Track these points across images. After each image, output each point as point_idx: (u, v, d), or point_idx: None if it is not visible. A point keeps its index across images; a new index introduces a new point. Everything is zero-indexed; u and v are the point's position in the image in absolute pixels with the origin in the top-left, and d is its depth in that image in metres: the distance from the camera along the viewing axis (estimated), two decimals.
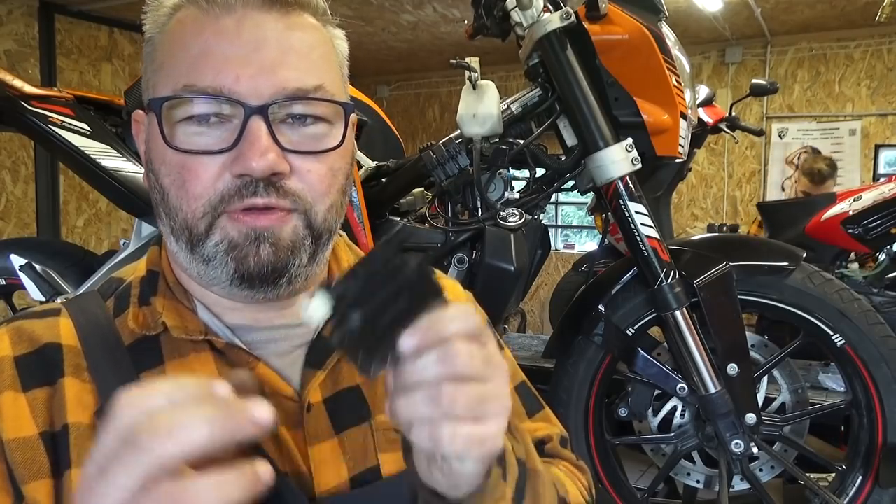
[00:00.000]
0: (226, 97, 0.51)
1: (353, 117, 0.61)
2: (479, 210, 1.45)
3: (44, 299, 1.51)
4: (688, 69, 1.49)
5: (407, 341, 0.40)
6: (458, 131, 1.41)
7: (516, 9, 1.36)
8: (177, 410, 0.33)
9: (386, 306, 0.40)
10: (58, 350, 0.54)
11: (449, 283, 0.75)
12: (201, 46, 0.51)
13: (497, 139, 1.41)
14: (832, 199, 2.63)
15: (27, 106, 1.51)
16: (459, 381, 0.40)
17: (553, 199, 3.10)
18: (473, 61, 1.37)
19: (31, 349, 0.53)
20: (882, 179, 3.07)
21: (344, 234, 0.68)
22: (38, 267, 1.52)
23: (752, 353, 1.46)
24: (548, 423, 0.74)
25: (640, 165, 1.34)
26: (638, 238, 1.35)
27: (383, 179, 1.52)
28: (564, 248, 6.23)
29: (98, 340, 0.55)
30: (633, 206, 1.34)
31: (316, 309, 0.39)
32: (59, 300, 0.59)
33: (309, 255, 0.55)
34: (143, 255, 0.62)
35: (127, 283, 0.60)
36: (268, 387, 0.55)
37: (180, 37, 0.53)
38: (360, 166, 1.48)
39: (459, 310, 0.42)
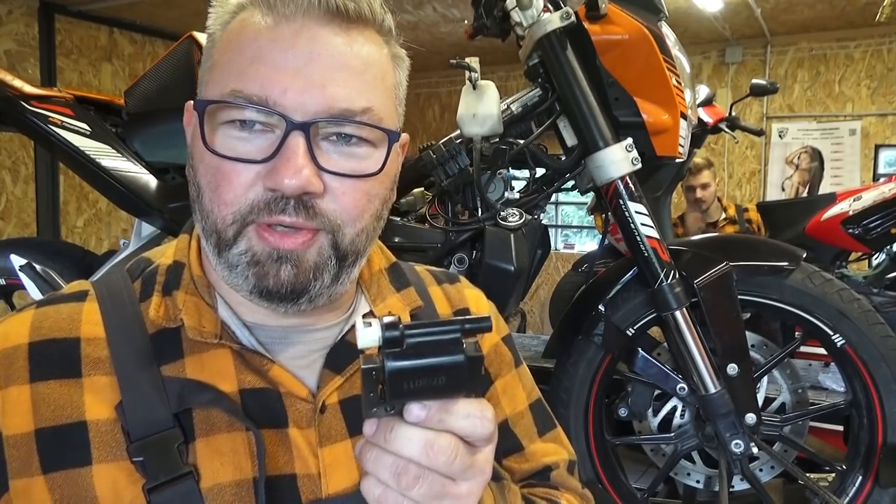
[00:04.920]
0: (270, 109, 0.50)
1: (405, 137, 0.60)
2: (479, 210, 1.45)
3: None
4: (688, 69, 1.49)
5: (416, 411, 0.42)
6: (458, 131, 1.41)
7: (516, 9, 1.36)
8: None
9: (425, 374, 0.41)
10: (76, 345, 0.54)
11: (474, 293, 0.75)
12: (254, 52, 0.51)
13: (497, 139, 1.41)
14: (832, 199, 2.63)
15: (27, 106, 1.51)
16: (429, 469, 0.42)
17: (553, 199, 3.10)
18: (473, 61, 1.37)
19: (50, 337, 0.54)
20: (882, 179, 3.06)
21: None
22: (38, 267, 1.52)
23: (752, 353, 1.46)
24: (558, 444, 0.74)
25: (640, 165, 1.34)
26: (638, 238, 1.34)
27: None
28: (564, 248, 6.23)
29: (123, 329, 0.55)
30: (633, 206, 1.34)
31: (368, 335, 0.41)
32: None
33: (332, 277, 0.54)
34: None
35: (154, 266, 0.60)
36: (282, 387, 0.56)
37: (237, 39, 0.53)
38: None
39: (478, 409, 0.44)
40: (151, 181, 1.54)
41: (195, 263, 0.59)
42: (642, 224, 1.34)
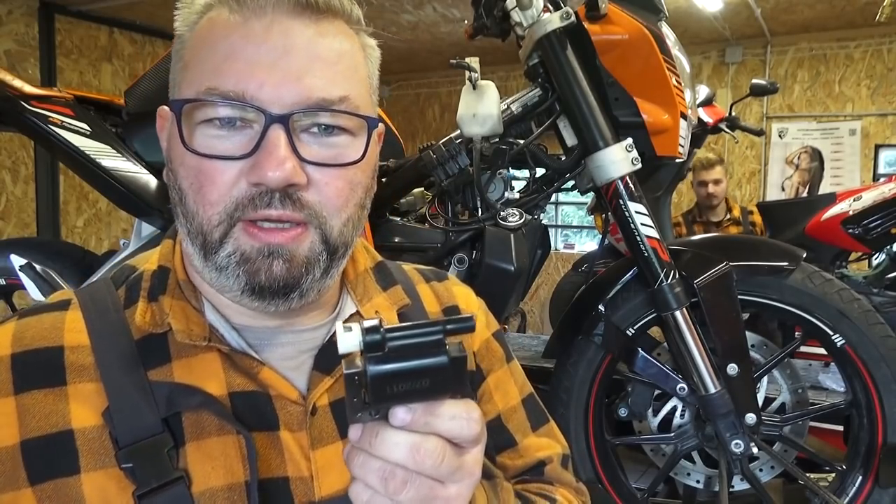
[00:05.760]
0: (248, 103, 0.50)
1: (381, 127, 0.60)
2: (479, 210, 1.45)
3: (44, 300, 1.51)
4: (688, 69, 1.49)
5: (401, 414, 0.41)
6: (458, 131, 1.41)
7: (516, 9, 1.36)
8: None
9: (408, 376, 0.41)
10: (59, 354, 0.53)
11: (462, 290, 0.75)
12: (227, 49, 0.51)
13: (497, 139, 1.41)
14: (832, 199, 2.62)
15: (27, 106, 1.51)
16: (417, 473, 0.42)
17: (553, 199, 3.10)
18: (473, 61, 1.37)
19: (32, 347, 0.53)
20: (882, 179, 3.06)
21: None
22: (38, 267, 1.52)
23: (752, 353, 1.46)
24: (551, 438, 0.74)
25: (639, 165, 1.34)
26: (638, 238, 1.34)
27: (383, 179, 1.52)
28: (564, 248, 6.23)
29: (108, 335, 0.54)
30: (633, 206, 1.34)
31: (348, 339, 0.40)
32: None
33: (322, 270, 0.54)
34: (156, 246, 0.62)
35: (138, 273, 0.59)
36: (272, 390, 0.55)
37: (208, 37, 0.52)
38: None
39: (464, 410, 0.43)
40: (151, 181, 1.54)
41: (180, 268, 0.59)
42: (642, 224, 1.34)
